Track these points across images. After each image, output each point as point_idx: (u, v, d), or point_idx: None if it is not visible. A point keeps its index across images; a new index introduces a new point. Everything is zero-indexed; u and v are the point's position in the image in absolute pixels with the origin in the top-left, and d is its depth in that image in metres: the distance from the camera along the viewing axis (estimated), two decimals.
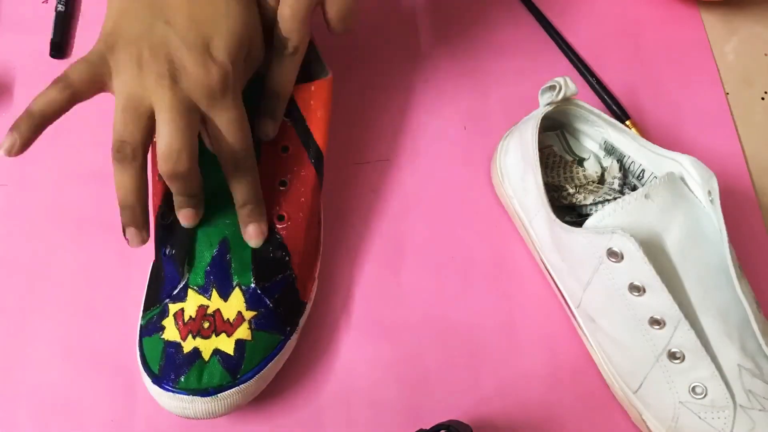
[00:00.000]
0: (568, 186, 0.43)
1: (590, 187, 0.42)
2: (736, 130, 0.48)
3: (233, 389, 0.36)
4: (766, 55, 0.51)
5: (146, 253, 0.43)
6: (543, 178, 0.39)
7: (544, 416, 0.40)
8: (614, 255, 0.35)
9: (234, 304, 0.36)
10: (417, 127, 0.47)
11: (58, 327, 0.41)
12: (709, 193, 0.35)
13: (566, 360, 0.41)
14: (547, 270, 0.41)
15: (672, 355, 0.35)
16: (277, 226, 0.38)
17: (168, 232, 0.38)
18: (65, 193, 0.44)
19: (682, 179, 0.37)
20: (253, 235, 0.37)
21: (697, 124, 0.48)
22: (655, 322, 0.35)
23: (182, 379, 0.35)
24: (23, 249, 0.43)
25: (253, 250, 0.37)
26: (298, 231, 0.38)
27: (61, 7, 0.49)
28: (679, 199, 0.36)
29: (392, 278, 0.43)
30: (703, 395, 0.35)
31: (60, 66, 0.48)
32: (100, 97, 0.47)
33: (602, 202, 0.42)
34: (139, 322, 0.38)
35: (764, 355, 0.35)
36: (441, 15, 0.51)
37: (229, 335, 0.36)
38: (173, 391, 0.35)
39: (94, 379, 0.40)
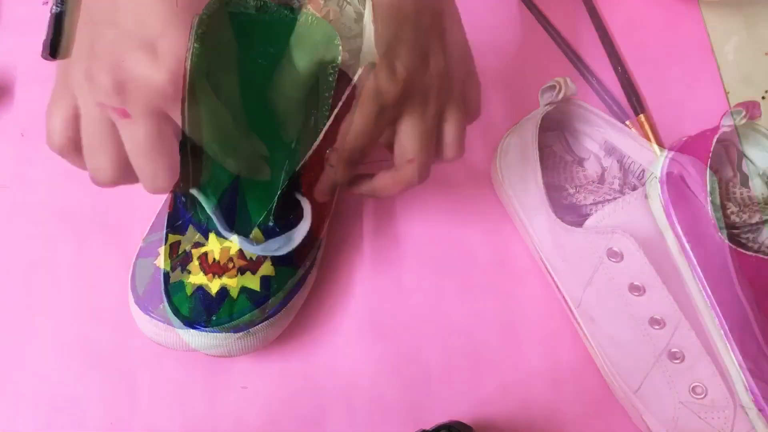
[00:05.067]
0: (568, 186, 0.43)
1: (590, 187, 0.42)
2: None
3: (263, 324, 0.38)
4: (766, 54, 0.51)
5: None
6: (543, 178, 0.39)
7: (544, 416, 0.40)
8: (614, 255, 0.35)
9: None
10: None
11: (57, 327, 0.41)
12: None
13: (566, 360, 0.41)
14: (547, 270, 0.41)
15: (672, 355, 0.35)
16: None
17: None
18: (65, 194, 0.44)
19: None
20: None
21: (697, 124, 0.48)
22: (655, 322, 0.35)
23: (214, 318, 0.36)
24: (23, 249, 0.43)
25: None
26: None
27: (56, 9, 0.49)
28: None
29: (392, 278, 0.43)
30: (703, 395, 0.35)
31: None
32: None
33: (602, 202, 0.42)
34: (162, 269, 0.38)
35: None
36: None
37: (253, 273, 0.38)
38: (207, 331, 0.37)
39: (95, 379, 0.40)
